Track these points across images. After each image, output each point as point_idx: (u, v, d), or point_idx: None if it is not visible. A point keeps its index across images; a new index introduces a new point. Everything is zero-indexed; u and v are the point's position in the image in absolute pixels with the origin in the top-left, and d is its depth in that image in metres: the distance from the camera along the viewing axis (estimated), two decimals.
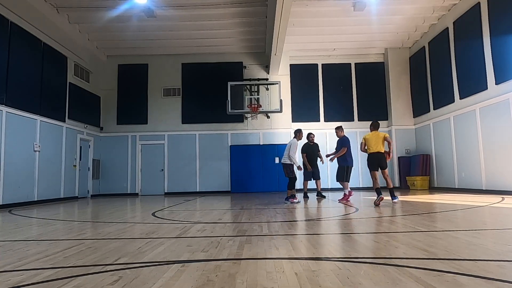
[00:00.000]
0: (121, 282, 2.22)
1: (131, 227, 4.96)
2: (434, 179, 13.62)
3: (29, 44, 10.40)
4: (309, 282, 2.15)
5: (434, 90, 13.46)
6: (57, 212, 7.52)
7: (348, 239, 3.64)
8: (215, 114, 14.98)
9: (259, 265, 2.61)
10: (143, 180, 15.05)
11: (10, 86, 9.37)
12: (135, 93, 15.39)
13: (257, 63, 15.55)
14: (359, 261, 2.65)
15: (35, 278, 2.36)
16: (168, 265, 2.66)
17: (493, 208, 6.30)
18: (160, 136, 15.18)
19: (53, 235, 4.33)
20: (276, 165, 14.96)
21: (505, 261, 2.58)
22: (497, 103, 9.98)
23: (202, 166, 15.03)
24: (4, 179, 9.07)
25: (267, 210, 6.87)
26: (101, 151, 14.86)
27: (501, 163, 9.90)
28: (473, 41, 10.91)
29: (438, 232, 3.93)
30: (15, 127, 9.56)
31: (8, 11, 9.47)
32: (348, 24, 13.18)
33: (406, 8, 12.22)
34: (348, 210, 6.57)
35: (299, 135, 9.00)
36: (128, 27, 12.91)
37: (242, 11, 12.07)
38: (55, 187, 11.48)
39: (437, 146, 13.42)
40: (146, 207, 8.47)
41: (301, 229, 4.60)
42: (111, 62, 15.52)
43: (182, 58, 15.52)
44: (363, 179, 15.32)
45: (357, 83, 15.77)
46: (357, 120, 15.59)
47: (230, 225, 4.83)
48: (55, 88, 11.77)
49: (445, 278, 2.15)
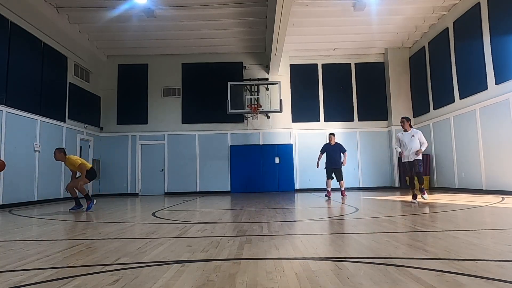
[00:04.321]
0: (121, 282, 2.22)
1: (131, 227, 4.96)
2: (434, 179, 13.62)
3: (29, 44, 10.40)
4: (309, 282, 2.15)
5: (434, 90, 13.46)
6: (57, 212, 7.52)
7: (348, 239, 3.64)
8: (215, 114, 14.98)
9: (259, 265, 2.60)
10: (143, 180, 15.05)
11: (10, 86, 9.38)
12: (135, 93, 15.39)
13: (257, 63, 15.55)
14: (359, 261, 2.65)
15: (35, 278, 2.36)
16: (168, 265, 2.66)
17: (493, 208, 6.30)
18: (160, 136, 15.18)
19: (53, 235, 4.33)
20: (276, 165, 14.97)
21: (505, 261, 2.58)
22: (497, 103, 9.97)
23: (202, 166, 15.03)
24: (4, 179, 9.07)
25: (267, 210, 6.87)
26: (101, 151, 14.85)
27: (501, 163, 9.90)
28: (473, 41, 10.90)
29: (438, 232, 3.93)
30: (15, 127, 9.56)
31: (8, 11, 9.47)
32: (348, 24, 13.18)
33: (406, 8, 12.22)
34: (348, 210, 6.57)
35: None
36: (128, 27, 12.91)
37: (242, 11, 12.07)
38: (55, 187, 11.48)
39: (437, 146, 13.42)
40: (146, 207, 8.47)
41: (301, 229, 4.60)
42: (111, 62, 15.52)
43: (182, 58, 15.52)
44: (363, 179, 15.32)
45: (357, 83, 15.77)
46: (357, 120, 15.60)
47: (230, 225, 4.83)
48: (55, 88, 11.77)
49: (445, 278, 2.14)
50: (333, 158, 9.86)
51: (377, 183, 15.27)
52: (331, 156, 9.88)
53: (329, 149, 9.96)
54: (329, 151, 9.93)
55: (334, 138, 10.08)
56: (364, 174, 15.35)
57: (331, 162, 9.85)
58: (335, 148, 9.94)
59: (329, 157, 9.90)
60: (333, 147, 9.96)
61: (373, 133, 15.53)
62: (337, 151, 9.91)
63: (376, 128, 15.59)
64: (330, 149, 9.96)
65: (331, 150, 9.93)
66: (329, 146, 10.00)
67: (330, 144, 10.01)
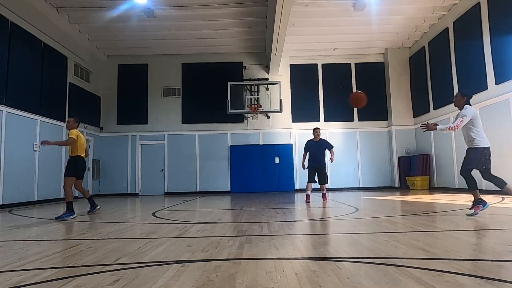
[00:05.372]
0: (121, 282, 2.22)
1: (131, 227, 4.96)
2: (434, 179, 13.62)
3: (29, 44, 10.40)
4: (309, 282, 2.15)
5: (434, 90, 13.46)
6: (57, 212, 7.52)
7: (348, 239, 3.64)
8: (215, 114, 14.98)
9: (259, 265, 2.60)
10: (143, 180, 15.05)
11: (10, 86, 9.37)
12: (135, 93, 15.39)
13: (257, 63, 15.55)
14: (359, 261, 2.65)
15: (35, 278, 2.36)
16: (168, 265, 2.66)
17: (493, 208, 6.29)
18: (160, 136, 15.18)
19: (53, 235, 4.32)
20: (276, 165, 14.97)
21: (505, 261, 2.58)
22: (497, 103, 9.97)
23: (202, 166, 15.03)
24: (4, 179, 9.07)
25: (267, 210, 6.87)
26: (101, 151, 14.85)
27: (501, 163, 9.89)
28: (473, 41, 10.90)
29: (438, 232, 3.93)
30: (15, 127, 9.56)
31: (8, 11, 9.47)
32: (348, 24, 13.19)
33: (406, 8, 12.23)
34: (348, 210, 6.57)
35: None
36: (128, 27, 12.91)
37: (242, 11, 12.07)
38: (55, 187, 11.47)
39: (437, 146, 13.42)
40: (146, 207, 8.47)
41: (301, 229, 4.60)
42: (111, 62, 15.53)
43: (182, 58, 15.52)
44: (363, 179, 15.32)
45: (357, 83, 15.76)
46: (357, 120, 15.60)
47: (230, 225, 4.83)
48: (55, 88, 11.77)
49: (445, 278, 2.14)
50: (316, 157, 8.54)
51: (377, 183, 15.27)
52: (315, 155, 8.55)
53: (313, 147, 8.61)
54: (313, 149, 8.59)
55: (319, 134, 8.69)
56: (364, 174, 15.35)
57: (314, 161, 8.52)
58: (320, 145, 8.60)
59: (312, 155, 8.55)
60: (318, 144, 8.60)
61: (373, 133, 15.53)
62: (322, 148, 8.61)
63: (376, 128, 15.59)
64: (314, 146, 8.61)
65: (314, 148, 8.59)
66: (313, 143, 8.64)
67: (314, 140, 8.63)
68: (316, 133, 8.64)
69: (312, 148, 8.60)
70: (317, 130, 8.71)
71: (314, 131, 8.70)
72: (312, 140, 8.66)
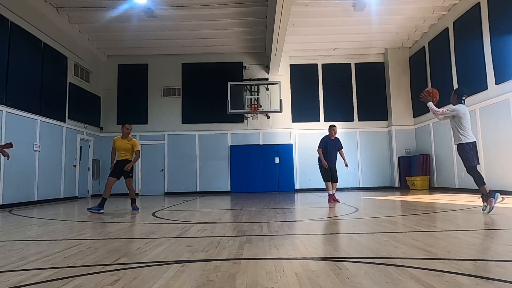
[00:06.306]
0: (121, 282, 2.22)
1: (131, 227, 4.96)
2: (434, 179, 13.62)
3: (29, 44, 10.40)
4: (309, 282, 2.15)
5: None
6: (57, 212, 7.52)
7: (348, 239, 3.64)
8: (215, 114, 14.98)
9: (259, 265, 2.60)
10: (143, 180, 15.05)
11: (10, 86, 9.37)
12: (135, 93, 15.39)
13: (257, 63, 15.55)
14: (359, 261, 2.65)
15: (35, 278, 2.35)
16: (168, 265, 2.65)
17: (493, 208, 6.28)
18: (160, 136, 15.18)
19: (53, 235, 4.32)
20: (276, 165, 14.97)
21: (505, 261, 2.58)
22: (497, 103, 9.98)
23: (202, 166, 15.03)
24: (4, 179, 9.07)
25: (267, 210, 6.87)
26: (101, 151, 14.84)
27: (501, 163, 9.90)
28: (473, 41, 10.90)
29: (438, 232, 3.93)
30: (15, 127, 9.55)
31: (8, 11, 9.47)
32: (348, 24, 13.19)
33: (406, 8, 12.23)
34: (348, 210, 6.57)
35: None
36: (128, 27, 12.91)
37: (242, 11, 12.07)
38: (55, 187, 11.47)
39: (437, 146, 13.42)
40: (146, 207, 8.47)
41: (301, 229, 4.60)
42: (111, 62, 15.52)
43: (182, 58, 15.52)
44: (363, 179, 15.32)
45: (357, 83, 15.77)
46: (357, 120, 15.61)
47: (230, 225, 4.83)
48: (55, 88, 11.77)
49: (445, 278, 2.14)
50: (333, 155, 8.25)
51: (377, 183, 15.27)
52: (331, 153, 8.22)
53: (330, 144, 8.24)
54: (330, 147, 8.22)
55: (335, 132, 8.35)
56: (364, 174, 15.35)
57: (331, 159, 8.20)
58: (335, 144, 8.32)
59: (329, 153, 8.20)
60: (333, 142, 8.30)
61: (373, 133, 15.53)
62: (336, 147, 8.32)
63: (376, 128, 15.59)
64: (331, 143, 8.25)
65: (331, 146, 8.24)
66: (330, 140, 8.27)
67: (330, 138, 8.30)
68: (332, 131, 8.30)
69: (329, 145, 8.26)
70: (333, 127, 8.36)
71: (331, 128, 8.35)
72: (328, 137, 8.33)
